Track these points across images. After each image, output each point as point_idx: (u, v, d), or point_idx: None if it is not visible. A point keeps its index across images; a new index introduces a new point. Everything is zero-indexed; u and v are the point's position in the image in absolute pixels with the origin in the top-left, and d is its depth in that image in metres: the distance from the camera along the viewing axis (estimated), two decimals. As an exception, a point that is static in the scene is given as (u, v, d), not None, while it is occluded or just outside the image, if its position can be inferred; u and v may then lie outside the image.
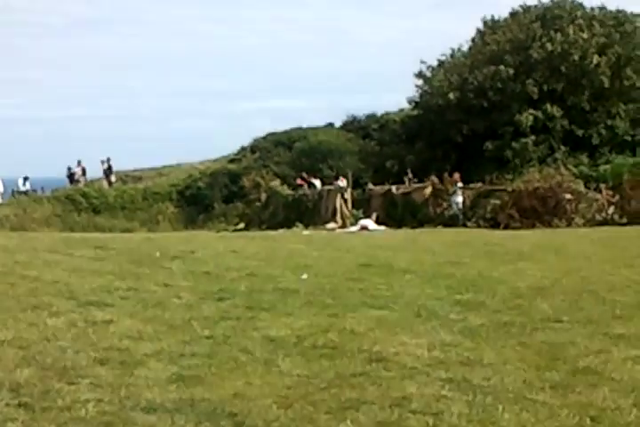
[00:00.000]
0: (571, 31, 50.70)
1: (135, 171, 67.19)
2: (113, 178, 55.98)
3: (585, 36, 50.69)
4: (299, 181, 46.22)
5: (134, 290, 12.73)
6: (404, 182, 41.42)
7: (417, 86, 58.26)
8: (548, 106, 50.37)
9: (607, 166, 46.32)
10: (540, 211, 33.07)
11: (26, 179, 52.83)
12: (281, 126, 68.88)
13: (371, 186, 42.50)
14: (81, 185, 53.66)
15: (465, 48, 58.02)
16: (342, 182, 40.98)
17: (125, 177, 63.05)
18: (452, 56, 58.13)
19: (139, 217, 53.12)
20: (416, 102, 58.71)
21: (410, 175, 43.40)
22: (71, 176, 54.53)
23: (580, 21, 51.91)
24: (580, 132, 51.23)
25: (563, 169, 38.05)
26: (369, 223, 34.11)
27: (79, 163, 54.79)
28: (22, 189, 52.17)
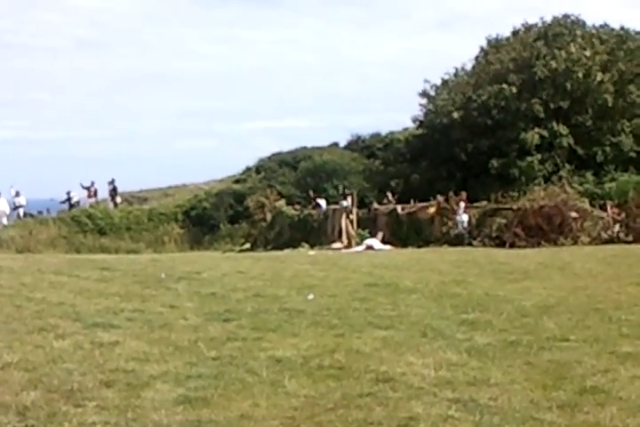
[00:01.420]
0: (573, 49, 50.86)
1: (140, 192, 67.27)
2: (118, 199, 56.02)
3: (588, 53, 50.85)
4: (313, 197, 46.21)
5: (140, 311, 12.74)
6: (408, 202, 41.33)
7: (421, 105, 58.53)
8: (554, 124, 50.44)
9: (612, 184, 46.36)
10: (545, 229, 32.98)
11: (17, 193, 51.01)
12: (286, 146, 69.09)
13: (376, 205, 42.49)
14: (78, 208, 53.30)
15: (468, 67, 58.29)
16: (347, 202, 40.96)
17: (131, 198, 63.10)
18: (455, 75, 58.33)
19: (144, 238, 53.11)
20: (420, 121, 58.89)
21: (390, 198, 43.31)
22: (69, 201, 54.10)
23: (580, 40, 52.06)
24: (584, 150, 51.29)
25: (568, 187, 38.01)
26: (374, 243, 34.08)
27: (92, 184, 54.58)
28: (17, 203, 50.84)
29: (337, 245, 36.36)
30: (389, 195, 43.88)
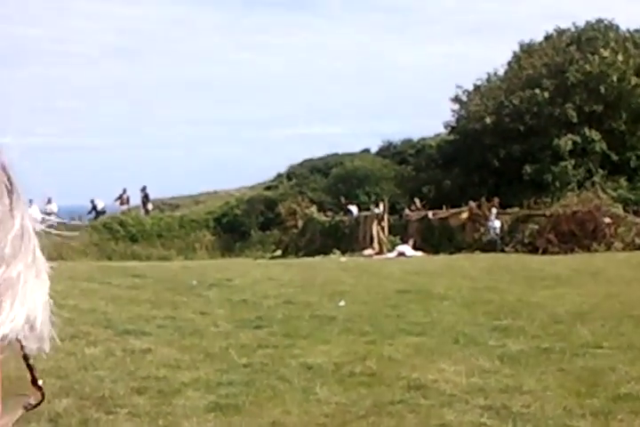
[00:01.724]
0: (606, 53, 50.59)
1: (172, 199, 67.37)
2: (150, 206, 56.12)
3: (621, 58, 50.56)
4: (344, 204, 46.34)
5: (171, 318, 12.76)
6: (440, 208, 41.24)
7: (453, 111, 58.36)
8: (587, 129, 50.18)
9: (646, 190, 46.04)
10: (578, 235, 32.81)
11: (49, 200, 50.88)
12: (317, 153, 68.90)
13: (407, 212, 42.43)
14: (107, 215, 53.25)
15: (500, 72, 58.05)
16: (379, 208, 40.93)
17: (162, 205, 63.19)
18: (487, 80, 58.11)
19: (176, 245, 53.22)
20: (452, 127, 58.72)
21: (418, 204, 43.25)
22: (94, 209, 53.82)
23: (613, 44, 51.78)
24: (618, 156, 50.98)
25: (601, 193, 37.79)
26: (406, 249, 34.02)
27: (125, 191, 54.68)
28: (48, 209, 50.87)
29: (368, 251, 36.31)
30: (417, 201, 43.83)
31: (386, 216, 40.23)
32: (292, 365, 9.43)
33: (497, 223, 35.73)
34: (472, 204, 38.38)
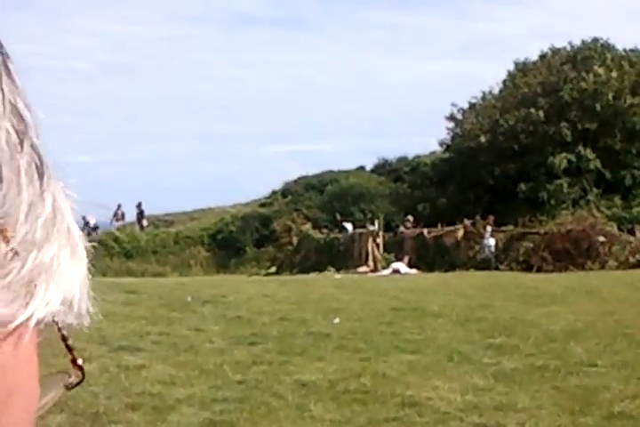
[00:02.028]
0: (601, 71, 50.74)
1: (167, 215, 67.31)
2: (145, 222, 56.10)
3: (615, 75, 50.71)
4: (340, 221, 46.52)
5: (166, 335, 12.75)
6: (435, 226, 41.29)
7: (448, 129, 58.52)
8: (581, 148, 50.30)
9: (641, 208, 46.12)
10: (572, 253, 32.84)
11: None
12: (312, 170, 68.81)
13: (402, 229, 42.47)
14: (101, 231, 53.04)
15: (496, 91, 58.21)
16: (374, 226, 40.97)
17: (157, 221, 63.16)
18: (482, 99, 58.26)
19: (170, 261, 53.18)
20: (447, 145, 58.87)
21: (411, 220, 43.36)
22: (87, 226, 53.06)
23: (609, 63, 51.96)
24: (612, 174, 51.08)
25: (595, 211, 37.87)
26: (401, 267, 34.03)
27: (119, 207, 54.53)
28: None
29: (363, 268, 36.32)
30: (410, 218, 43.92)
31: (381, 233, 40.26)
32: (286, 382, 9.43)
33: (491, 241, 35.76)
34: (467, 222, 38.45)
